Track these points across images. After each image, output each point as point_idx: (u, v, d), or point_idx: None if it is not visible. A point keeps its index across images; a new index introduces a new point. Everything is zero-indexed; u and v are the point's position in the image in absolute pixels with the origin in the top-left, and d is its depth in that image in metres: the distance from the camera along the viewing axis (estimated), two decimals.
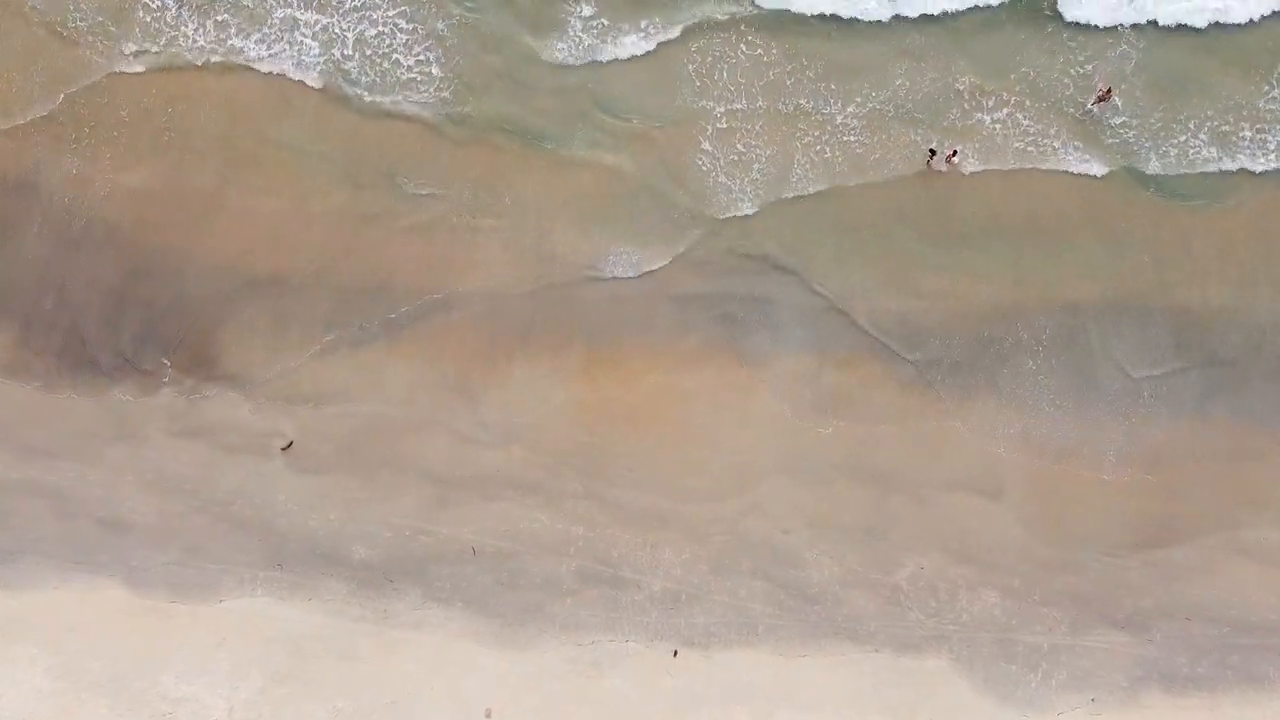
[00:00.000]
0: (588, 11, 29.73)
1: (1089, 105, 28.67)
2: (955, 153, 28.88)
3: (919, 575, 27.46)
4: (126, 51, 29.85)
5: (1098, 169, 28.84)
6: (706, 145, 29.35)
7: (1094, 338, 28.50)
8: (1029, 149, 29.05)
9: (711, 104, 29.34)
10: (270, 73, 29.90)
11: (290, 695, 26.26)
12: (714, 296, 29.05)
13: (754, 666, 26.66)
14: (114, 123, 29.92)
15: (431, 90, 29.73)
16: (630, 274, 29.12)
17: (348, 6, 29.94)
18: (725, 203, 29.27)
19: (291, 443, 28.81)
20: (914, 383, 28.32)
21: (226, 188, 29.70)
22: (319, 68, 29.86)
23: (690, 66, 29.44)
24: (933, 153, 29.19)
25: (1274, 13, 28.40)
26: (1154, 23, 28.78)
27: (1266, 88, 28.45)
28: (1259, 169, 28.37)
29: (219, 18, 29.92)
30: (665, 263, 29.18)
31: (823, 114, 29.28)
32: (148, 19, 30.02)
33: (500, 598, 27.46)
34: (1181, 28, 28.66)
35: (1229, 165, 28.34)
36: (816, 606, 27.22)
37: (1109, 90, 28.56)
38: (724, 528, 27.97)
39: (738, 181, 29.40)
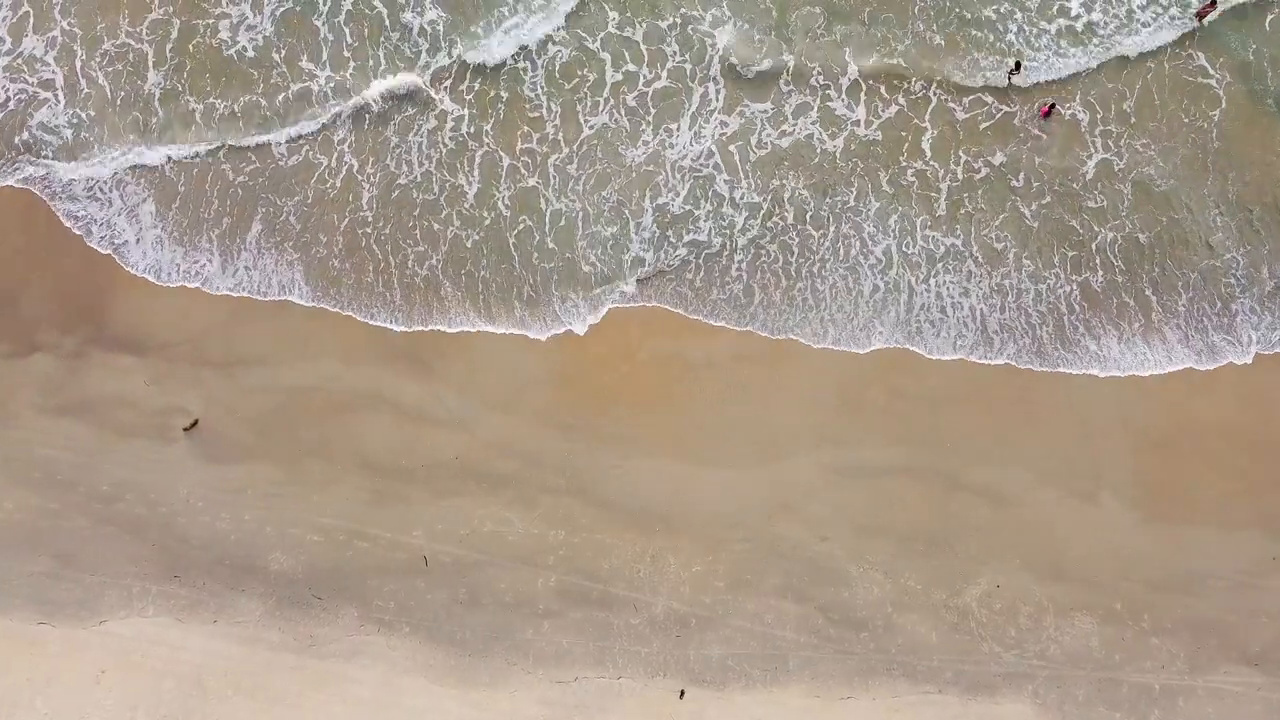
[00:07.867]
0: None
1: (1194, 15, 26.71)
2: (1051, 108, 26.44)
3: (994, 595, 24.62)
4: None
5: None
6: None
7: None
8: None
9: None
10: None
11: None
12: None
13: (783, 711, 24.05)
14: None
15: None
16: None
17: None
18: None
19: (196, 422, 26.30)
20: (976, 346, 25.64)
21: None
22: None
23: None
24: (1018, 65, 26.40)
25: None
26: None
27: None
28: None
29: None
30: None
31: None
32: None
33: (458, 621, 24.99)
34: None
35: None
36: (863, 635, 24.64)
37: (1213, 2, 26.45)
38: (745, 533, 25.41)
39: None
